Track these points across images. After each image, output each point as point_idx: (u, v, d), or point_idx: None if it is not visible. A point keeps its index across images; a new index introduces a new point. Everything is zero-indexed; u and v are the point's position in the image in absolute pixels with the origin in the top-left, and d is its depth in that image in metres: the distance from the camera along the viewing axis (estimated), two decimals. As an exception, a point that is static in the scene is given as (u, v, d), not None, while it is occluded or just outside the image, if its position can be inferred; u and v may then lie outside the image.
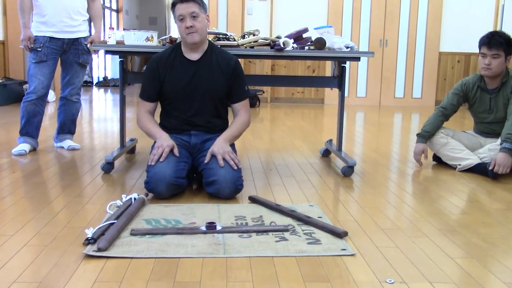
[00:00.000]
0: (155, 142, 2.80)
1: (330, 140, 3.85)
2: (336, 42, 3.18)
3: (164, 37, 3.26)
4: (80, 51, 3.79)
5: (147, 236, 2.02)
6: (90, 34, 3.88)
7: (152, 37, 3.07)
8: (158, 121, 2.89)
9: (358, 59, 3.26)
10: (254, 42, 3.14)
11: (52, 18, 3.66)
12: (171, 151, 2.61)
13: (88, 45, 3.77)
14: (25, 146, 3.69)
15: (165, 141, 2.63)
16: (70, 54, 3.77)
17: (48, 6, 3.65)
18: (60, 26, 3.68)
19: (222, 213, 2.35)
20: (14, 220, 2.20)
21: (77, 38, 3.76)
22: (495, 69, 3.30)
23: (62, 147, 3.88)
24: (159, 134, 2.70)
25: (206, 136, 2.78)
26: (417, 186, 3.08)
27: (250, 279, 1.67)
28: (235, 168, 2.60)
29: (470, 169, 3.33)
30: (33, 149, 3.78)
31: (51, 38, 3.68)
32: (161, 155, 2.57)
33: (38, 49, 3.65)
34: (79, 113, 4.09)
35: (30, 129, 3.74)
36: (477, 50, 3.42)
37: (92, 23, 3.94)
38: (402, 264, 1.82)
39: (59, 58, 3.81)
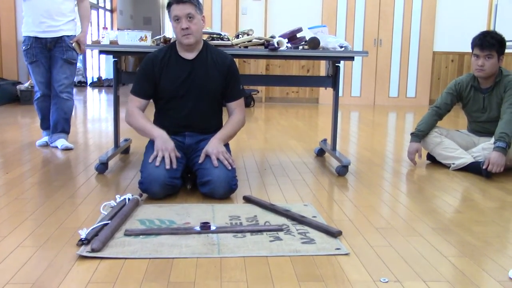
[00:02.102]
0: (149, 140, 2.80)
1: (325, 140, 3.86)
2: (330, 41, 3.18)
3: (158, 37, 3.25)
4: (64, 48, 3.87)
5: (141, 236, 2.02)
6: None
7: (146, 37, 3.06)
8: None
9: (352, 58, 3.27)
10: (248, 41, 3.14)
11: (35, 20, 3.78)
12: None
13: (73, 44, 3.80)
14: (47, 138, 3.95)
15: (167, 143, 2.60)
16: (55, 52, 3.86)
17: (30, 9, 3.79)
18: (43, 27, 3.80)
19: (217, 213, 2.35)
20: (8, 221, 2.19)
21: (61, 37, 3.84)
22: (488, 70, 3.31)
23: (56, 147, 3.87)
24: (156, 132, 2.65)
25: (200, 137, 2.77)
26: (411, 185, 3.08)
27: (245, 279, 1.67)
28: (229, 168, 2.60)
29: (464, 168, 3.34)
30: None
31: (36, 38, 3.81)
32: (163, 157, 2.56)
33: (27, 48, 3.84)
34: (73, 113, 4.10)
35: (48, 123, 3.98)
36: (470, 50, 3.43)
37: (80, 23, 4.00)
38: (396, 263, 1.83)
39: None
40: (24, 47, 3.85)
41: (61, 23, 3.80)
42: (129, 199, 2.40)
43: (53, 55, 3.86)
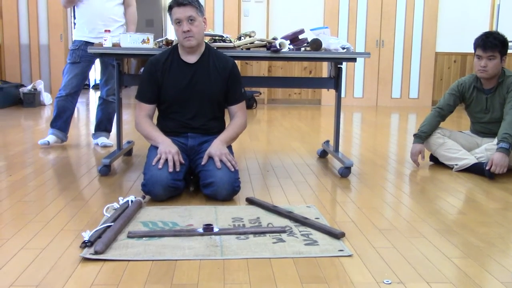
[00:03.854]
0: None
1: (327, 141, 3.86)
2: (332, 43, 3.18)
3: (160, 39, 3.26)
4: None
5: (144, 238, 2.02)
6: None
7: (148, 39, 3.07)
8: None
9: (354, 59, 3.27)
10: (250, 43, 3.14)
11: (88, 24, 3.92)
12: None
13: None
14: (50, 138, 4.03)
15: (171, 147, 2.61)
16: (105, 57, 3.93)
17: (86, 13, 3.92)
18: (95, 33, 3.91)
19: (219, 215, 2.35)
20: (11, 223, 2.20)
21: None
22: (491, 71, 3.30)
23: (97, 144, 4.14)
24: (161, 139, 2.67)
25: (203, 138, 2.77)
26: (414, 186, 3.08)
27: (248, 280, 1.67)
28: (232, 169, 2.60)
29: (467, 169, 3.34)
30: (61, 142, 4.12)
31: (86, 42, 3.92)
32: (165, 160, 2.56)
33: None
34: (76, 115, 4.13)
35: (59, 122, 4.06)
36: (473, 50, 3.42)
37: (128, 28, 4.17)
38: (400, 264, 1.83)
39: (95, 61, 4.08)
40: (72, 47, 4.00)
41: (112, 29, 3.85)
42: (132, 201, 2.40)
43: (103, 60, 4.01)
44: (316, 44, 3.16)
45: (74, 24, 4.12)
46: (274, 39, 3.22)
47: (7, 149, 3.90)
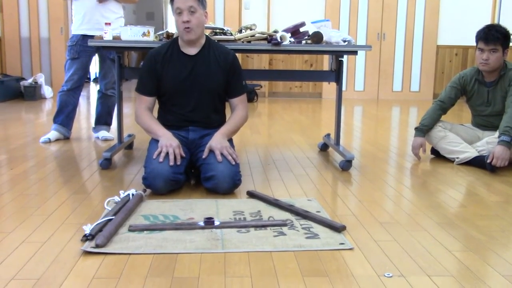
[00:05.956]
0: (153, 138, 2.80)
1: (328, 134, 3.85)
2: (334, 36, 3.17)
3: (161, 32, 3.24)
4: None
5: (145, 232, 2.02)
6: None
7: (149, 32, 3.06)
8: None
9: (355, 52, 3.26)
10: (251, 36, 3.13)
11: (84, 17, 3.91)
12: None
13: None
14: (52, 135, 3.99)
15: (172, 140, 2.61)
16: (103, 51, 3.94)
17: (82, 5, 3.91)
18: (92, 24, 3.90)
19: (220, 208, 2.35)
20: (12, 217, 2.20)
21: None
22: (493, 64, 3.29)
23: (98, 137, 4.15)
24: (161, 132, 2.67)
25: (204, 132, 2.77)
26: (415, 179, 3.08)
27: (249, 274, 1.67)
28: (233, 163, 2.60)
29: (468, 162, 3.33)
30: (64, 138, 4.06)
31: (84, 36, 3.89)
32: (166, 153, 2.55)
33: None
34: (77, 109, 4.13)
35: (61, 118, 4.05)
36: (474, 43, 3.41)
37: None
38: (400, 257, 1.83)
39: (95, 55, 4.06)
40: (69, 43, 3.99)
41: (110, 21, 3.83)
42: (133, 194, 2.40)
43: (101, 54, 4.00)
44: (317, 37, 3.15)
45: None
46: (275, 32, 3.21)
47: (8, 142, 3.90)
